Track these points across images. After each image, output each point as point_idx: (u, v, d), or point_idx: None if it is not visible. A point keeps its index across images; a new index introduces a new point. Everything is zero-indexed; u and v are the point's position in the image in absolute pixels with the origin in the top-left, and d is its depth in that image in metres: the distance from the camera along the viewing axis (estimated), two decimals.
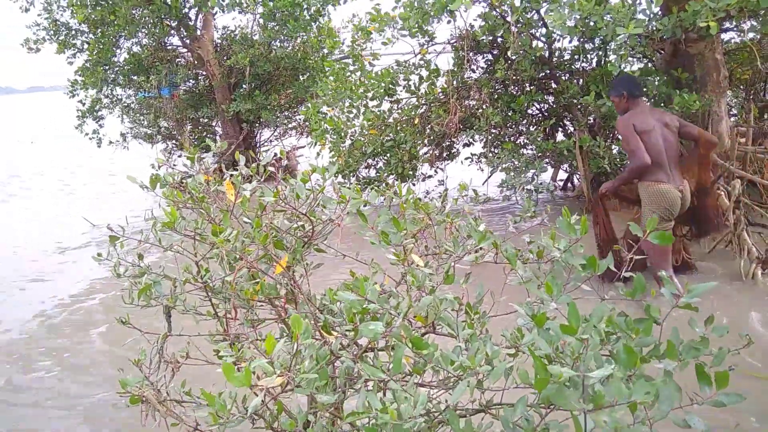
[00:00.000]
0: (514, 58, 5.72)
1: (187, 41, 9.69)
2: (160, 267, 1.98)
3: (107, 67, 9.68)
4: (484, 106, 5.99)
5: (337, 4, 9.15)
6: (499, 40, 6.11)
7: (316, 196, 1.64)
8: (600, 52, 6.06)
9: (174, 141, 10.40)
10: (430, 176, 6.91)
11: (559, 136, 6.66)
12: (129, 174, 1.95)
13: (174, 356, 1.69)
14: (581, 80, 5.96)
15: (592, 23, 4.73)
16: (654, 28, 4.72)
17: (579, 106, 5.83)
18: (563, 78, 6.11)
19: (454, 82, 6.27)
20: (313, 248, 2.08)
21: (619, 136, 4.58)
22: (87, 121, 10.19)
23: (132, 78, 9.87)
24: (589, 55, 6.06)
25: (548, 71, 6.11)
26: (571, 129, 6.37)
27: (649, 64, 5.98)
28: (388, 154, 6.47)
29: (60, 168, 13.82)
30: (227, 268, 1.58)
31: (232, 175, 1.99)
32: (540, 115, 6.55)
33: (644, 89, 4.60)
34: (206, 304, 1.74)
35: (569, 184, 7.54)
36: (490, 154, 6.25)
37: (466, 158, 6.91)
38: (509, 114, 6.07)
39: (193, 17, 9.63)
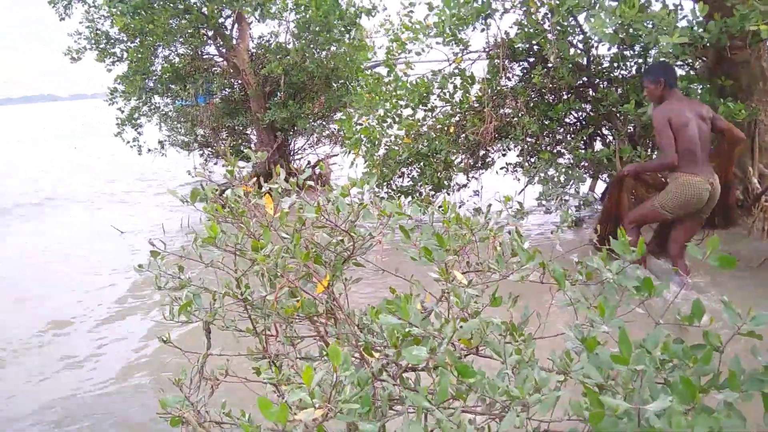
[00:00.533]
0: (551, 65, 5.63)
1: (223, 50, 9.83)
2: (199, 280, 1.98)
3: (145, 76, 9.88)
4: (519, 115, 5.91)
5: (371, 16, 9.17)
6: (536, 47, 6.03)
7: (357, 212, 1.60)
8: (639, 59, 5.91)
9: (210, 149, 10.55)
10: (464, 186, 6.83)
11: (597, 146, 6.51)
12: (165, 185, 1.95)
13: (213, 373, 1.68)
14: (620, 88, 5.82)
15: (632, 30, 4.62)
16: (698, 35, 4.59)
17: (618, 115, 5.70)
18: (602, 86, 5.98)
19: (489, 91, 6.20)
20: (352, 263, 2.05)
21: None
22: (126, 129, 10.42)
23: (169, 87, 10.05)
24: (628, 63, 5.92)
25: (586, 79, 5.99)
26: (610, 138, 6.22)
27: (691, 72, 5.82)
28: (423, 163, 6.43)
29: (97, 174, 14.18)
30: (267, 285, 1.56)
31: (270, 189, 1.98)
32: (578, 123, 6.43)
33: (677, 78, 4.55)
34: (245, 319, 1.72)
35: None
36: (527, 164, 6.14)
37: (501, 167, 6.82)
38: (546, 123, 5.97)
39: (229, 27, 9.77)
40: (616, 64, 5.94)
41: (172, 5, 8.60)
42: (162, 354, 4.03)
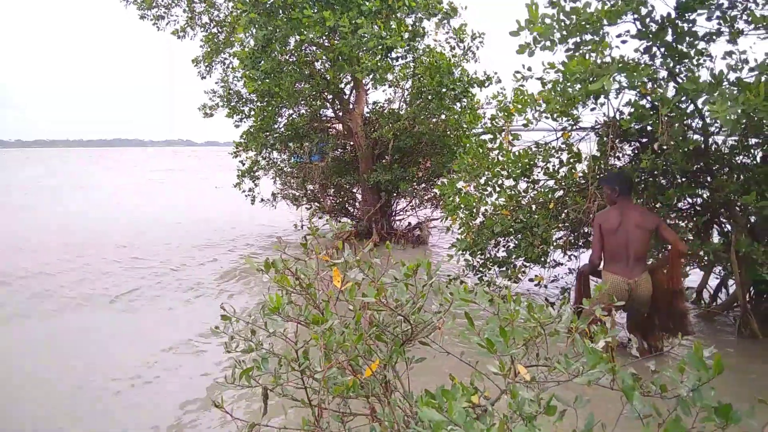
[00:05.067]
0: (664, 148, 5.38)
1: (340, 113, 10.40)
2: (269, 344, 2.06)
3: (268, 133, 10.67)
4: None
5: (483, 87, 9.33)
6: (648, 128, 5.80)
7: (416, 299, 1.61)
8: (766, 147, 5.49)
9: (317, 203, 11.03)
10: (560, 264, 6.58)
11: (715, 234, 6.03)
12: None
13: None
14: (741, 176, 5.41)
15: (757, 119, 4.33)
16: None
17: (739, 205, 5.28)
18: (721, 172, 5.60)
19: (596, 169, 6.01)
20: (418, 341, 2.05)
21: None
22: (245, 180, 11.24)
23: (288, 144, 10.75)
24: (753, 150, 5.52)
25: (703, 164, 5.64)
26: (728, 228, 5.76)
27: None
28: (519, 236, 6.30)
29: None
30: (323, 360, 1.60)
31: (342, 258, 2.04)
32: (691, 209, 6.03)
33: (631, 189, 5.02)
34: (302, 388, 1.76)
35: (722, 289, 6.66)
36: None
37: None
38: (656, 206, 5.66)
39: (347, 92, 10.35)
40: (737, 151, 5.56)
41: (298, 70, 9.29)
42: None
